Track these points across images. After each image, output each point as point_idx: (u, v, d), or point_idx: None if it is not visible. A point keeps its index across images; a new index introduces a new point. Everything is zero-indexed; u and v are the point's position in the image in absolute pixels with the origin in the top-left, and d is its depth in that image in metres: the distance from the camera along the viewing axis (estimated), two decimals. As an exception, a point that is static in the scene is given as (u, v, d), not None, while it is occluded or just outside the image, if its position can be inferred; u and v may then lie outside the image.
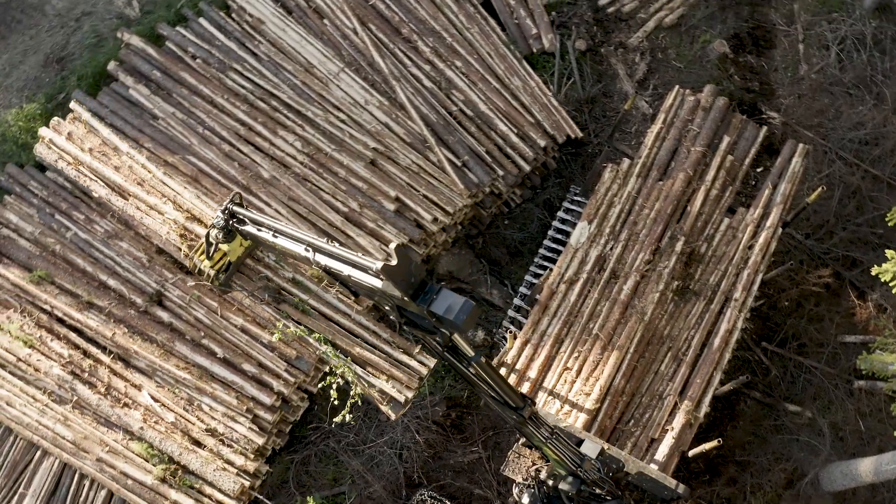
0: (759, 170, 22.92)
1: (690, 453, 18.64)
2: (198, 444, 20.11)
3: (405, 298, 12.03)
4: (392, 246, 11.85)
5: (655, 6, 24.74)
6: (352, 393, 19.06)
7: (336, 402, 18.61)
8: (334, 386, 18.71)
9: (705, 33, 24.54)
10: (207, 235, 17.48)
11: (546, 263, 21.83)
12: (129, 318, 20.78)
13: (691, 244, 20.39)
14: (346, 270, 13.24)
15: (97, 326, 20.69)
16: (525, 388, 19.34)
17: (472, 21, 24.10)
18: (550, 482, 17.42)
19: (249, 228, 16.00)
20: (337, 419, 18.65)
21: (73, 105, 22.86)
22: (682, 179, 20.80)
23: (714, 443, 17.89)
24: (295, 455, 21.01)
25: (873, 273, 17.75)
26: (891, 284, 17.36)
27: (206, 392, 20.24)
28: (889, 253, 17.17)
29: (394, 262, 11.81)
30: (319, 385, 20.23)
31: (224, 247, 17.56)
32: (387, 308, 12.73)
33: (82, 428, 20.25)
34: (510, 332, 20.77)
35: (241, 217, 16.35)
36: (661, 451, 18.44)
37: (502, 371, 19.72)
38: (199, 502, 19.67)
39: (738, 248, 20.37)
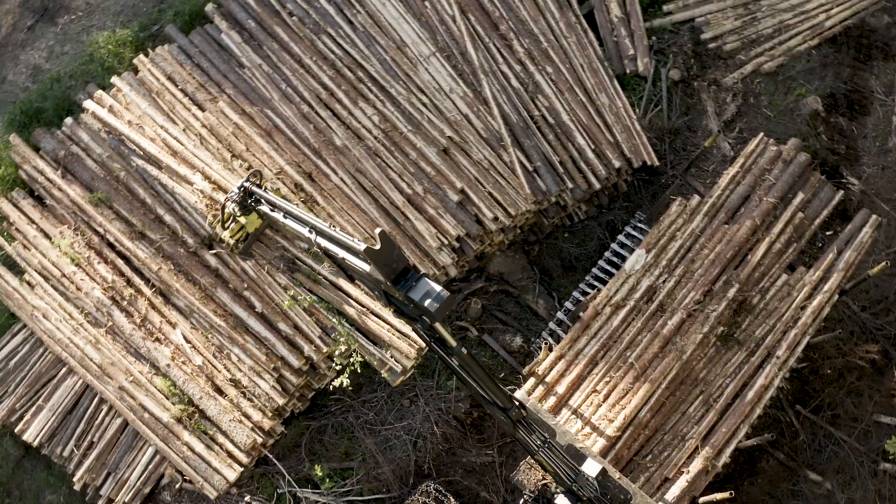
0: (827, 233, 22.56)
1: (701, 500, 18.42)
2: (219, 391, 20.22)
3: (387, 283, 12.94)
4: (377, 231, 12.64)
5: (757, 50, 24.43)
6: (351, 360, 19.40)
7: (338, 367, 19.63)
8: (337, 353, 19.60)
9: (801, 87, 24.21)
10: (223, 208, 18.30)
11: (596, 283, 21.71)
12: (177, 255, 20.93)
13: (744, 293, 20.17)
14: (341, 253, 14.40)
15: (145, 258, 20.86)
16: (551, 402, 19.26)
17: (572, 31, 23.95)
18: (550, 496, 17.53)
19: (263, 208, 17.11)
20: (335, 383, 19.12)
21: (114, 80, 23.05)
22: (748, 227, 20.59)
23: (726, 494, 17.67)
24: (312, 422, 21.04)
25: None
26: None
27: (237, 343, 20.33)
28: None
29: (377, 246, 12.66)
30: (325, 351, 20.36)
31: (242, 219, 18.52)
32: (376, 294, 13.66)
33: (111, 354, 20.44)
34: (546, 343, 20.68)
35: (257, 196, 17.35)
36: (673, 492, 18.24)
37: (531, 381, 19.68)
38: (209, 448, 19.79)
39: (791, 307, 20.09)
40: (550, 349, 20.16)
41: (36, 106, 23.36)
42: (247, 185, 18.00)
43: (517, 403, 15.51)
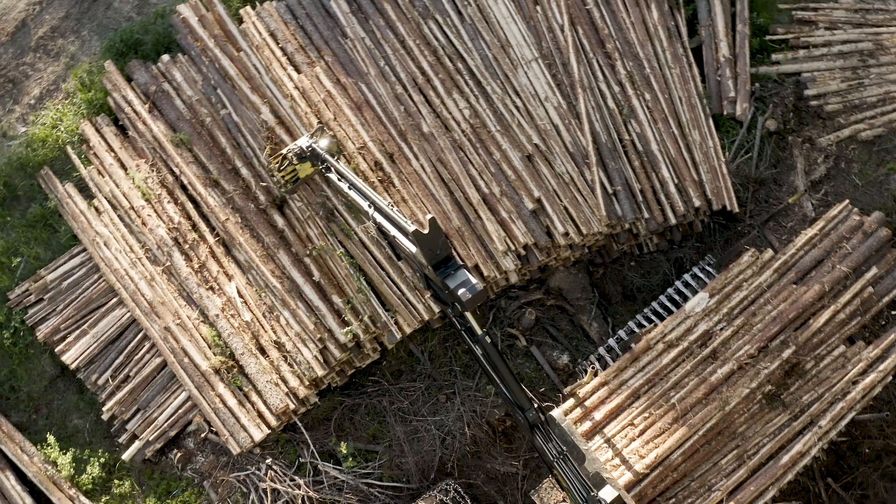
0: (893, 312, 22.24)
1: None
2: (262, 351, 20.27)
3: (429, 266, 14.04)
4: (427, 217, 13.74)
5: (857, 116, 24.06)
6: (361, 317, 20.07)
7: (346, 319, 20.25)
8: (347, 307, 20.21)
9: (895, 161, 23.88)
10: (284, 155, 20.02)
11: (653, 318, 21.57)
12: (246, 210, 21.00)
13: (799, 356, 19.91)
14: (392, 231, 15.47)
15: (215, 206, 20.95)
16: (586, 427, 19.14)
17: (677, 62, 23.74)
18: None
19: (332, 176, 18.58)
20: (343, 331, 20.00)
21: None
22: (815, 291, 20.32)
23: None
24: (346, 399, 21.04)
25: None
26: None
27: (289, 307, 20.37)
28: None
29: (426, 231, 13.71)
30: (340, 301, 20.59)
31: (297, 165, 19.97)
32: (418, 276, 15.09)
33: (163, 293, 20.56)
34: (593, 367, 20.56)
35: (328, 164, 18.96)
36: (690, 540, 18.15)
37: (571, 401, 19.56)
38: (241, 404, 19.85)
39: (843, 379, 19.80)
40: (596, 374, 20.05)
41: (136, 37, 23.47)
42: (316, 148, 19.45)
43: (536, 406, 15.92)
